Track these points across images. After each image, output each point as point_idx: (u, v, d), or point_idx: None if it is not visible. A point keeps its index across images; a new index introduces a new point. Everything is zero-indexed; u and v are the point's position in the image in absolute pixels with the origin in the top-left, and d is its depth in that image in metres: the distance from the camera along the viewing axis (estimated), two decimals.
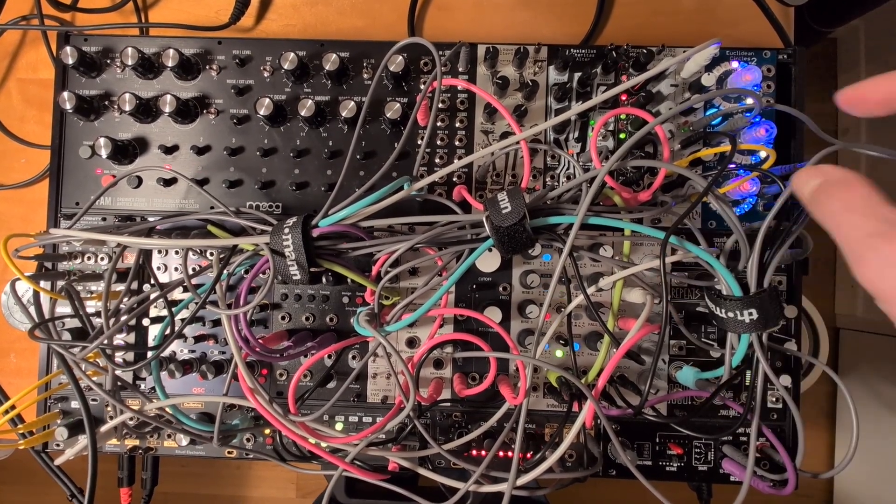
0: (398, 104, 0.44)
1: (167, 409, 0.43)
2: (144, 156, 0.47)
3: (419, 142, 0.47)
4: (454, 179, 0.47)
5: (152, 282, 0.44)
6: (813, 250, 0.38)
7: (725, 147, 0.42)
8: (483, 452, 0.45)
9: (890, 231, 0.21)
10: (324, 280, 0.44)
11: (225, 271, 0.38)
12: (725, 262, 0.35)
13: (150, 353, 0.39)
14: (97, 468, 0.40)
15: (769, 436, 0.41)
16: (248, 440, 0.47)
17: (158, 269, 0.47)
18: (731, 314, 0.34)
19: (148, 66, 0.46)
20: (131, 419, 0.46)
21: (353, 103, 0.45)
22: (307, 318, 0.47)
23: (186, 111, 0.46)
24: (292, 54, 0.44)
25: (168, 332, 0.42)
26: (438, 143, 0.47)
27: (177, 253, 0.47)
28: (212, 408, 0.48)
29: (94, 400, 0.48)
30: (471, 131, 0.47)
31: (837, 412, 1.29)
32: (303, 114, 0.45)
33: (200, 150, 0.47)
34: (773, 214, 0.33)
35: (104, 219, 0.47)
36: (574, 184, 0.37)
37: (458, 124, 0.47)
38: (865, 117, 0.26)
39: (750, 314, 0.33)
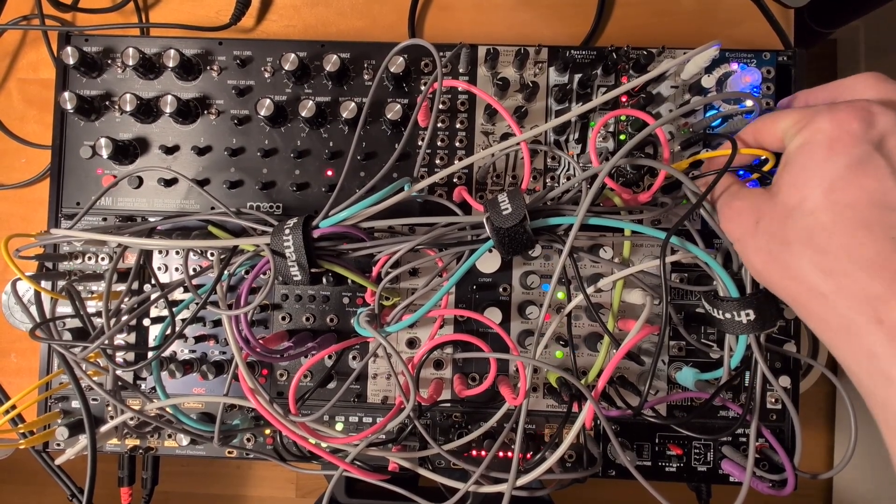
0: (399, 105, 0.44)
1: (168, 409, 0.43)
2: (145, 156, 0.47)
3: (420, 143, 0.47)
4: (454, 180, 0.47)
5: (153, 282, 0.44)
6: None
7: (725, 151, 0.42)
8: (483, 453, 0.46)
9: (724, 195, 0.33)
10: (324, 281, 0.44)
11: (225, 272, 0.39)
12: (723, 263, 0.35)
13: (150, 354, 0.39)
14: (96, 468, 0.40)
15: (768, 436, 0.41)
16: (248, 440, 0.47)
17: (159, 269, 0.47)
18: (728, 315, 0.34)
19: (149, 67, 0.46)
20: (132, 419, 0.46)
21: (353, 104, 0.45)
22: (308, 319, 0.47)
23: (187, 111, 0.46)
24: (293, 55, 0.44)
25: (169, 332, 0.42)
26: (439, 144, 0.47)
27: (177, 253, 0.47)
28: (212, 408, 0.48)
29: (94, 400, 0.48)
30: (471, 132, 0.47)
31: (836, 413, 1.29)
32: (303, 115, 0.45)
33: (201, 151, 0.47)
34: None
35: (105, 219, 0.47)
36: (574, 183, 0.37)
37: (458, 125, 0.47)
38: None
39: (747, 315, 0.33)
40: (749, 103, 0.42)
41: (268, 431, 0.47)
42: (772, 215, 0.29)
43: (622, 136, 0.46)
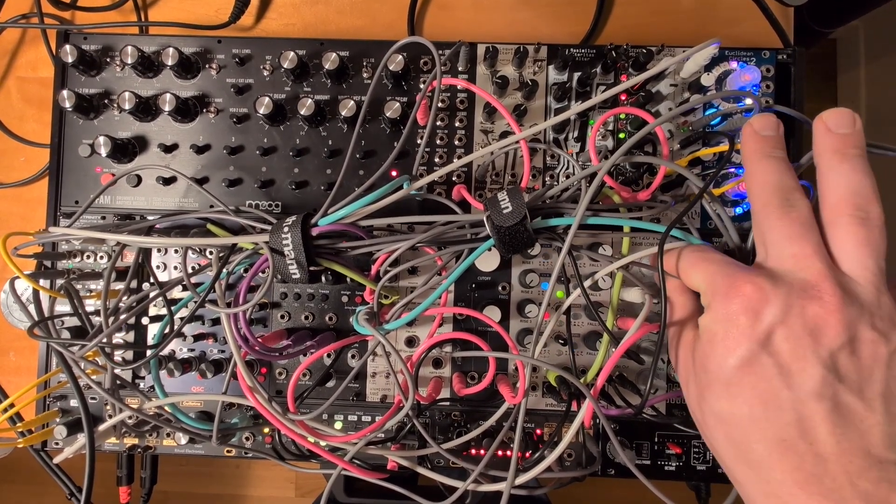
0: (398, 103, 0.44)
1: (166, 408, 0.43)
2: (144, 154, 0.47)
3: (419, 141, 0.47)
4: (454, 179, 0.47)
5: (151, 280, 0.44)
6: None
7: (724, 147, 0.42)
8: (482, 451, 0.46)
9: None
10: (323, 279, 0.44)
11: (224, 270, 0.39)
12: None
13: (149, 352, 0.39)
14: (95, 467, 0.40)
15: None
16: (247, 439, 0.47)
17: (158, 267, 0.47)
18: None
19: (147, 65, 0.46)
20: (130, 418, 0.46)
21: (352, 102, 0.45)
22: (306, 317, 0.47)
23: (186, 110, 0.46)
24: (292, 53, 0.44)
25: (167, 330, 0.42)
26: (438, 142, 0.47)
27: (176, 251, 0.47)
28: (211, 406, 0.48)
29: (93, 398, 0.48)
30: (470, 131, 0.47)
31: None
32: (302, 113, 0.45)
33: (200, 149, 0.47)
34: None
35: (103, 217, 0.47)
36: (573, 181, 0.37)
37: (457, 124, 0.47)
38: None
39: None
40: (748, 102, 0.42)
41: (266, 430, 0.47)
42: (695, 382, 0.30)
43: (621, 135, 0.46)
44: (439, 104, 0.47)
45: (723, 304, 0.27)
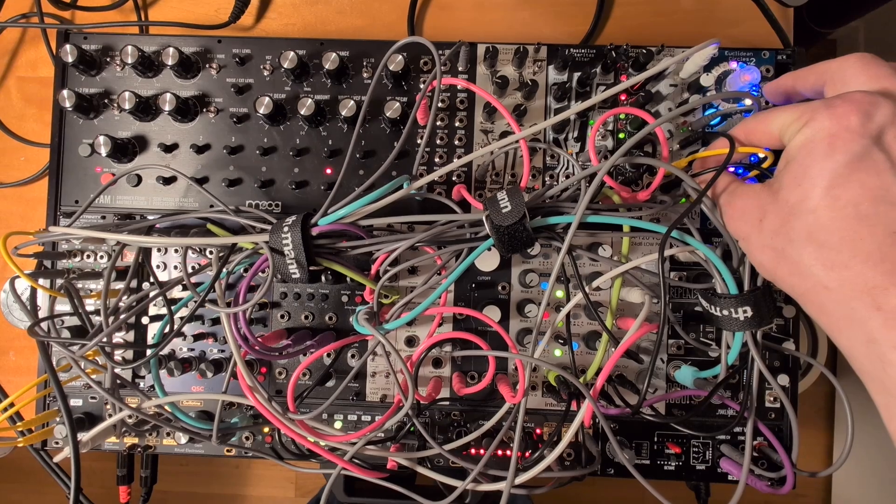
0: (398, 103, 0.44)
1: (166, 407, 0.43)
2: (144, 154, 0.47)
3: (419, 141, 0.47)
4: (453, 178, 0.47)
5: (151, 280, 0.44)
6: None
7: (724, 150, 0.42)
8: (482, 451, 0.46)
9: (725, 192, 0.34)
10: (323, 279, 0.44)
11: (224, 269, 0.39)
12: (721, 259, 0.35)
13: (149, 352, 0.39)
14: (80, 464, 0.39)
15: (767, 435, 0.41)
16: (246, 438, 0.47)
17: (158, 267, 0.47)
18: (726, 312, 0.34)
19: (148, 65, 0.46)
20: (130, 417, 0.46)
21: (352, 102, 0.45)
22: (306, 317, 0.47)
23: (186, 110, 0.46)
24: (292, 53, 0.44)
25: (167, 330, 0.42)
26: (438, 142, 0.47)
27: (176, 251, 0.47)
28: (211, 406, 0.48)
29: (92, 398, 0.48)
30: (470, 130, 0.47)
31: (836, 413, 1.29)
32: (302, 113, 0.45)
33: (200, 149, 0.47)
34: None
35: (103, 217, 0.47)
36: (573, 181, 0.37)
37: (457, 123, 0.47)
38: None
39: (745, 312, 0.33)
40: (748, 102, 0.42)
41: (266, 430, 0.47)
42: (775, 213, 0.30)
43: (621, 135, 0.46)
44: (439, 104, 0.47)
45: (828, 113, 0.28)
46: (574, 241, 0.35)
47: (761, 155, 0.35)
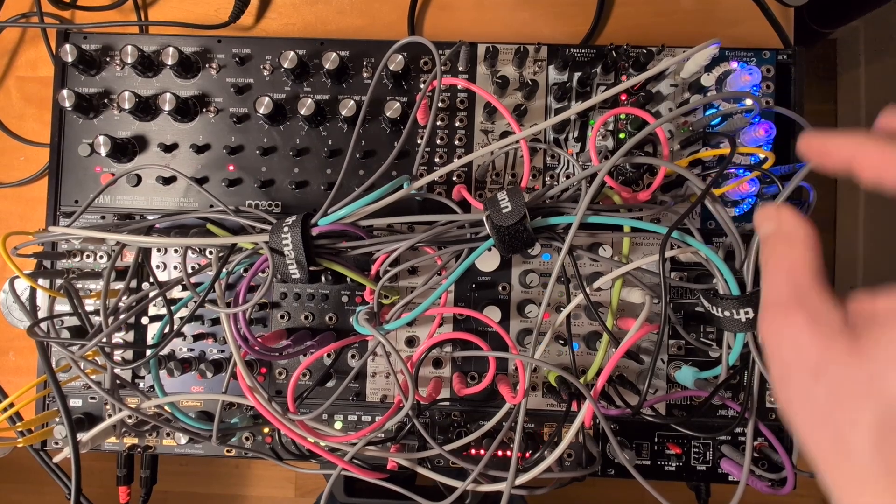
0: (398, 103, 0.44)
1: (166, 408, 0.42)
2: (144, 154, 0.47)
3: (419, 141, 0.47)
4: (454, 178, 0.47)
5: (151, 280, 0.44)
6: None
7: (725, 150, 0.42)
8: (482, 451, 0.45)
9: (791, 306, 0.22)
10: (323, 279, 0.44)
11: (224, 270, 0.38)
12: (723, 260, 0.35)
13: (148, 352, 0.39)
14: (80, 464, 0.39)
15: (768, 435, 0.41)
16: (246, 439, 0.47)
17: (157, 267, 0.47)
18: (727, 313, 0.34)
19: (147, 65, 0.46)
20: (130, 417, 0.46)
21: (352, 102, 0.45)
22: (306, 317, 0.47)
23: (186, 109, 0.46)
24: (292, 53, 0.44)
25: (167, 330, 0.42)
26: (438, 142, 0.47)
27: (176, 251, 0.47)
28: (211, 406, 0.48)
29: (92, 398, 0.48)
30: (470, 130, 0.47)
31: None
32: (302, 112, 0.45)
33: (200, 149, 0.47)
34: None
35: (103, 217, 0.47)
36: (573, 181, 0.37)
37: (457, 123, 0.47)
38: (818, 170, 0.26)
39: (746, 313, 0.33)
40: (748, 102, 0.42)
41: (266, 430, 0.47)
42: (846, 378, 0.21)
43: (622, 135, 0.46)
44: (439, 104, 0.47)
45: None
46: (575, 242, 0.35)
47: (762, 155, 0.35)
